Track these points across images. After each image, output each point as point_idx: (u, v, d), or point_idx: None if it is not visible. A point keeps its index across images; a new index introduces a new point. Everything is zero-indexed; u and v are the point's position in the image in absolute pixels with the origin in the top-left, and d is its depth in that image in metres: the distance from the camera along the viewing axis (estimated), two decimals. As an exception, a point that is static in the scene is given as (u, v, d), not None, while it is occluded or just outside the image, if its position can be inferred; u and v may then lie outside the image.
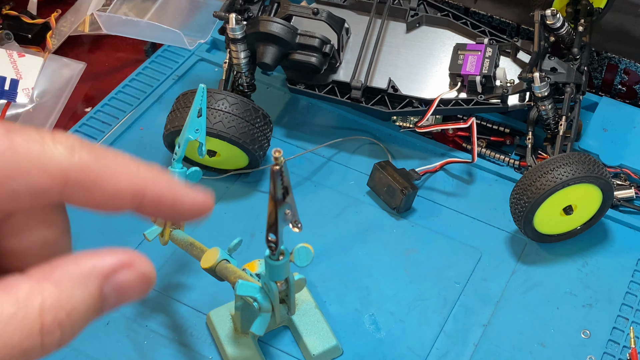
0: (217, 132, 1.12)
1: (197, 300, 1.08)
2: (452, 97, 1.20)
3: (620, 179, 1.23)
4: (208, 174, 1.21)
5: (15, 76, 1.27)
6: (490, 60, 1.19)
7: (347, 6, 1.31)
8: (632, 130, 1.28)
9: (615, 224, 1.19)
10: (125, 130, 1.29)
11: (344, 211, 1.20)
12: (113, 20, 1.29)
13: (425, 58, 1.26)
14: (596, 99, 1.33)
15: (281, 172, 0.75)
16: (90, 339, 1.04)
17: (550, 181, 1.07)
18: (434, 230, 1.18)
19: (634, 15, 1.38)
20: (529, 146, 1.20)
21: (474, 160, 1.22)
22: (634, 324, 1.07)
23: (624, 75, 1.35)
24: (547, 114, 1.17)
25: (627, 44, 1.36)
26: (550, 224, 1.13)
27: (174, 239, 1.02)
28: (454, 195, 1.23)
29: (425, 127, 1.23)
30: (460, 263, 1.14)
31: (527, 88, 1.17)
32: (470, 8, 1.40)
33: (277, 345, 1.03)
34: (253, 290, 0.91)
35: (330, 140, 1.27)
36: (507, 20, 1.39)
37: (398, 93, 1.21)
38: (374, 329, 1.06)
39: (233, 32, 1.16)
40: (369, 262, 1.13)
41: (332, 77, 1.22)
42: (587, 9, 1.27)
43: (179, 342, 1.04)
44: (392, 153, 1.27)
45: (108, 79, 1.40)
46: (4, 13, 1.45)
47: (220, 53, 1.43)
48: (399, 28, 1.29)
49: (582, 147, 1.25)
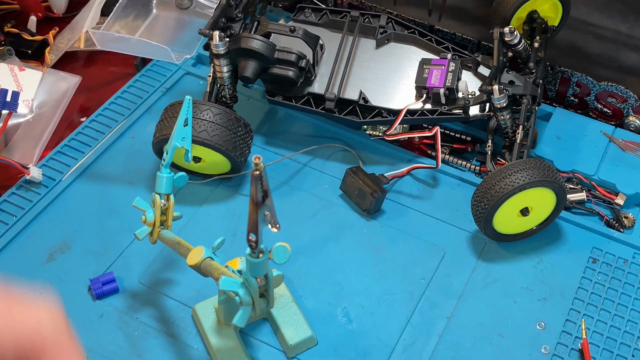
0: (202, 140, 1.12)
1: (184, 294, 1.08)
2: (418, 107, 1.20)
3: (573, 183, 1.24)
4: (193, 178, 1.21)
5: (16, 88, 1.28)
6: (453, 74, 1.20)
7: (321, 24, 1.32)
8: (583, 138, 1.28)
9: (568, 224, 1.20)
10: (117, 138, 1.29)
11: (318, 213, 1.20)
12: (106, 37, 1.29)
13: (393, 72, 1.26)
14: (550, 109, 1.34)
15: (261, 177, 0.77)
16: (85, 330, 1.04)
17: (508, 185, 1.08)
18: (401, 231, 1.18)
19: (584, 32, 1.40)
20: (489, 153, 1.20)
21: (438, 165, 1.24)
22: (585, 317, 1.08)
23: (576, 88, 1.36)
24: (506, 124, 1.18)
25: (578, 59, 1.38)
26: (508, 224, 1.14)
27: (162, 238, 1.02)
28: (420, 198, 1.23)
29: (393, 135, 1.23)
30: (425, 260, 1.14)
31: (487, 99, 1.17)
32: (435, 26, 1.41)
33: (257, 336, 1.04)
34: (235, 286, 0.91)
35: (305, 147, 1.27)
36: (469, 37, 1.40)
37: (368, 104, 1.22)
38: (346, 321, 1.06)
39: (216, 48, 1.17)
40: (341, 260, 1.14)
41: (307, 90, 1.23)
42: (542, 27, 1.29)
43: (167, 333, 1.04)
44: (362, 159, 1.27)
45: (102, 91, 1.40)
46: (6, 30, 1.45)
47: (205, 67, 1.42)
48: (369, 44, 1.30)
49: (538, 154, 1.26)
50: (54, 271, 1.11)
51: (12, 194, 1.20)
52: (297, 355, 1.03)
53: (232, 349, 1.00)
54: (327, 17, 1.32)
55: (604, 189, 1.23)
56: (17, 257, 1.13)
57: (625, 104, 1.33)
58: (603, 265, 1.15)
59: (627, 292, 1.12)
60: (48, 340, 0.49)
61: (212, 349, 1.00)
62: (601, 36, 1.39)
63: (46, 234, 1.16)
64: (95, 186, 1.22)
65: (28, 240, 1.15)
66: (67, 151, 1.26)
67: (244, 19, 1.25)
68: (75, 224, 1.17)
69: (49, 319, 0.49)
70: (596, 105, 1.37)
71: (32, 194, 1.20)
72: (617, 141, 1.28)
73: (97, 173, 1.24)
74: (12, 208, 1.18)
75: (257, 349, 1.03)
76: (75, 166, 1.24)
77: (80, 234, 1.15)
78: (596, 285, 1.12)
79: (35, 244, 1.14)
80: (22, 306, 0.48)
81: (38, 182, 1.20)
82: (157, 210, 1.01)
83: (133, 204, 1.02)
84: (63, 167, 1.24)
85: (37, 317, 0.49)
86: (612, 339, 1.07)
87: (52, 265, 1.12)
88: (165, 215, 1.03)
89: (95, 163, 1.26)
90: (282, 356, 1.02)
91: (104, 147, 1.27)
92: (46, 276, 1.11)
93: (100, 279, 1.08)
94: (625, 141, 1.28)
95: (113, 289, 1.08)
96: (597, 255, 1.16)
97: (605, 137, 1.29)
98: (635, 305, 1.10)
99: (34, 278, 1.10)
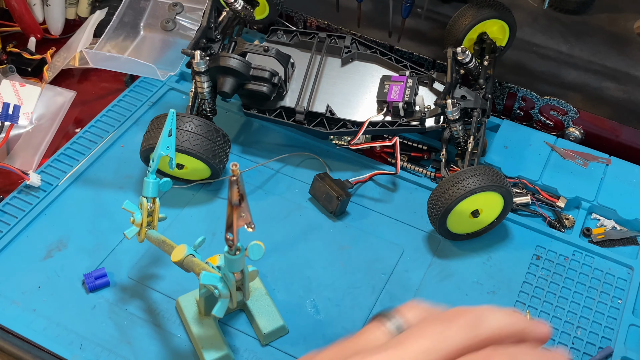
0: (185, 149, 1.13)
1: (168, 288, 1.09)
2: (379, 119, 1.21)
3: (519, 188, 1.25)
4: (177, 183, 1.22)
5: (17, 102, 1.28)
6: (411, 89, 1.20)
7: (292, 45, 1.31)
8: (528, 147, 1.29)
9: (514, 225, 1.21)
10: (108, 147, 1.28)
11: (289, 214, 1.20)
12: (98, 56, 1.27)
13: (357, 87, 1.26)
14: (498, 121, 1.34)
15: (237, 182, 0.78)
16: (79, 320, 1.05)
17: (460, 189, 1.09)
18: (364, 231, 1.19)
19: (529, 52, 1.42)
20: (443, 160, 1.21)
21: (397, 172, 1.25)
22: (529, 308, 1.10)
23: (522, 102, 1.37)
24: (458, 134, 1.18)
25: (524, 76, 1.40)
26: (461, 225, 1.15)
27: (148, 237, 1.03)
28: (381, 201, 1.23)
29: (357, 144, 1.24)
30: (386, 257, 1.15)
31: (441, 112, 1.18)
32: (394, 46, 1.41)
33: (234, 326, 1.05)
34: (214, 280, 0.92)
35: (278, 155, 1.27)
36: (425, 56, 1.41)
37: (334, 116, 1.22)
38: (315, 312, 1.07)
39: (198, 66, 1.17)
40: (310, 257, 1.14)
41: (280, 103, 1.23)
42: (491, 47, 1.30)
43: (153, 322, 1.05)
44: (329, 166, 1.27)
45: (94, 104, 1.39)
46: (8, 50, 1.43)
47: (187, 83, 1.42)
48: (335, 63, 1.30)
49: (487, 161, 1.27)
50: (51, 267, 1.11)
51: (14, 198, 1.19)
52: (270, 342, 1.03)
53: (211, 337, 1.00)
54: (297, 38, 1.32)
55: (546, 193, 1.24)
56: (19, 254, 1.12)
57: (565, 116, 1.34)
58: (546, 261, 1.16)
59: (567, 285, 1.13)
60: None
61: (194, 337, 1.01)
62: (544, 55, 1.43)
63: (44, 233, 1.15)
64: (89, 190, 1.22)
65: (28, 239, 1.14)
66: (63, 159, 1.26)
67: (222, 39, 1.25)
68: (71, 224, 1.17)
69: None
70: (540, 117, 1.38)
71: (31, 198, 1.19)
72: (559, 150, 1.29)
73: (90, 179, 1.23)
74: (13, 210, 1.17)
75: (235, 337, 1.04)
76: (70, 172, 1.23)
77: (75, 233, 1.15)
78: (539, 279, 1.14)
79: (34, 242, 1.14)
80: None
81: (37, 186, 1.20)
82: (144, 212, 1.01)
83: (123, 206, 1.02)
84: (60, 173, 1.23)
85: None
86: (554, 328, 1.08)
87: (49, 261, 1.11)
88: (152, 217, 1.03)
89: (89, 170, 1.25)
90: (256, 344, 1.03)
91: (96, 155, 1.27)
92: (44, 271, 1.10)
93: (93, 274, 1.08)
94: (565, 150, 1.29)
95: (104, 283, 1.08)
96: (541, 252, 1.17)
97: (547, 146, 1.30)
98: (574, 298, 1.11)
99: (33, 273, 1.10)
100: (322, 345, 1.02)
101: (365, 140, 1.25)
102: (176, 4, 1.37)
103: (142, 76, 1.41)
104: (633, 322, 1.09)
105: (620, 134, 1.33)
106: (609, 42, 1.47)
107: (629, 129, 1.31)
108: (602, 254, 1.18)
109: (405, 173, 1.28)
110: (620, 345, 1.06)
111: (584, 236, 1.21)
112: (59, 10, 1.49)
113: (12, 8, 1.43)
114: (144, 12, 1.42)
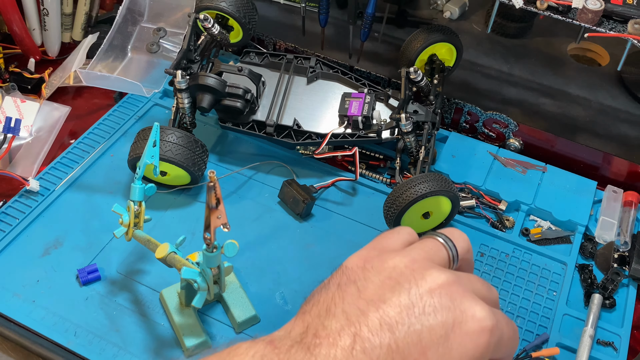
0: (167, 158, 1.13)
1: (153, 281, 1.09)
2: (340, 132, 1.22)
3: (465, 192, 1.25)
4: (161, 188, 1.21)
5: (18, 116, 1.29)
6: (369, 105, 1.21)
7: (263, 65, 1.33)
8: (473, 156, 1.31)
9: (461, 225, 1.22)
10: (99, 156, 1.29)
11: (260, 216, 1.21)
12: (91, 75, 1.27)
13: (321, 103, 1.27)
14: (447, 133, 1.35)
15: (214, 187, 0.80)
16: (73, 310, 1.05)
17: (413, 194, 1.09)
18: (327, 231, 1.19)
19: (474, 72, 1.44)
20: (397, 168, 1.22)
21: (357, 178, 1.26)
22: None
23: (467, 116, 1.38)
24: (411, 144, 1.19)
25: (469, 93, 1.41)
26: (413, 225, 1.12)
27: (135, 236, 1.03)
28: (342, 205, 1.24)
29: (321, 154, 1.25)
30: (346, 254, 0.91)
31: (396, 125, 1.18)
32: (354, 66, 1.42)
33: (212, 315, 1.05)
34: (194, 275, 0.94)
35: (250, 163, 1.27)
36: (381, 75, 1.41)
37: (301, 129, 1.23)
38: (283, 303, 1.08)
39: (179, 84, 1.18)
40: (279, 254, 1.15)
41: (252, 117, 1.23)
42: (440, 67, 1.31)
43: (139, 312, 1.05)
44: (296, 173, 1.28)
45: (87, 118, 1.39)
46: (10, 70, 1.44)
47: (170, 99, 1.41)
48: (301, 81, 1.31)
49: (437, 169, 1.27)
50: (48, 263, 1.11)
51: (15, 201, 1.19)
52: (243, 330, 1.04)
53: (191, 326, 1.01)
54: (268, 59, 1.33)
55: (489, 197, 1.25)
56: (19, 252, 1.13)
57: (506, 129, 1.36)
58: (489, 258, 1.17)
59: (508, 279, 1.14)
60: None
61: (176, 325, 1.02)
62: (487, 75, 1.45)
63: (42, 233, 1.16)
64: (82, 195, 1.22)
65: (28, 238, 1.15)
66: (59, 167, 1.26)
67: (201, 60, 1.26)
68: (66, 225, 1.17)
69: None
70: (483, 130, 1.39)
71: (31, 201, 1.19)
72: (500, 159, 1.30)
73: (83, 184, 1.24)
74: (15, 212, 1.18)
75: (212, 325, 1.04)
76: (66, 179, 1.24)
77: (70, 233, 1.16)
78: (483, 274, 1.15)
79: (33, 241, 1.14)
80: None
81: (36, 191, 1.20)
82: (131, 214, 1.02)
83: (112, 209, 1.02)
84: (56, 179, 1.24)
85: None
86: None
87: (47, 258, 1.12)
88: (138, 218, 1.03)
89: (82, 176, 1.25)
90: (231, 331, 1.04)
91: (89, 164, 1.27)
92: (42, 267, 1.11)
93: (86, 269, 1.08)
94: (506, 159, 1.30)
95: (96, 277, 1.08)
96: (484, 250, 1.18)
97: (490, 155, 1.31)
98: (514, 290, 1.13)
99: (32, 268, 1.10)
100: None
101: (328, 150, 1.26)
102: (160, 29, 1.37)
103: (129, 93, 1.41)
104: (567, 312, 1.11)
105: (555, 144, 1.34)
106: (545, 63, 1.49)
107: (563, 140, 1.33)
108: (539, 251, 1.19)
109: (363, 179, 1.29)
110: (555, 333, 1.08)
111: (523, 235, 1.22)
112: (55, 34, 1.49)
113: (14, 32, 1.43)
114: (131, 36, 1.42)
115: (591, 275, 1.16)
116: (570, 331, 1.09)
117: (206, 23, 1.25)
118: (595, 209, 1.26)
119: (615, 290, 1.13)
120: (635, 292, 1.15)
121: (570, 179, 1.29)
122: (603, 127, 1.36)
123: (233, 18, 1.32)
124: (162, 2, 1.44)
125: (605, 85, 1.45)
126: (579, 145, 1.32)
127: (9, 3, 1.36)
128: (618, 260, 1.16)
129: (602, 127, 1.36)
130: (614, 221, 1.21)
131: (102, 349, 1.02)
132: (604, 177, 1.34)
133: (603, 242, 1.21)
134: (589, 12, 1.09)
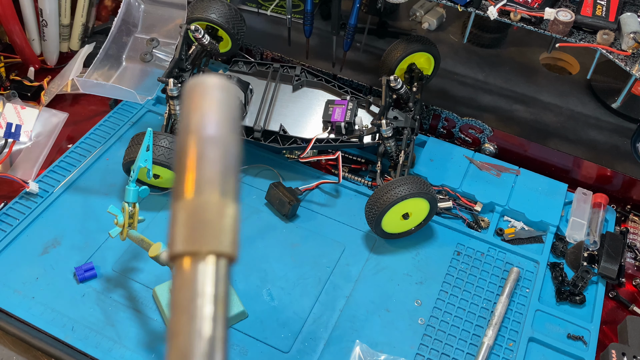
0: (160, 162, 1.13)
1: (146, 279, 1.10)
2: (324, 137, 1.23)
3: (442, 194, 1.26)
4: (154, 190, 1.23)
5: (19, 122, 1.29)
6: (351, 111, 1.23)
7: (251, 73, 1.34)
8: (450, 160, 1.31)
9: (438, 225, 1.23)
10: (96, 160, 1.29)
11: (248, 217, 1.21)
12: (87, 83, 1.26)
13: (305, 110, 1.28)
14: (425, 138, 1.36)
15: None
16: (71, 306, 1.06)
17: (393, 196, 1.10)
18: (311, 231, 1.20)
19: (451, 80, 1.45)
20: (378, 171, 1.23)
21: (340, 181, 1.26)
22: (451, 296, 1.12)
23: (445, 122, 1.38)
24: (391, 149, 1.21)
25: (446, 100, 1.41)
26: (393, 225, 1.16)
27: (130, 236, 1.04)
28: (326, 206, 1.25)
29: (305, 158, 1.25)
30: (330, 253, 1.16)
31: (377, 131, 1.20)
32: (337, 75, 1.42)
33: None
34: (117, 211, 1.00)
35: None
36: (363, 83, 1.41)
37: (287, 134, 1.24)
38: (270, 299, 1.09)
39: (171, 91, 1.19)
40: (266, 253, 1.16)
41: (240, 123, 1.21)
42: (419, 75, 1.33)
43: (133, 308, 1.06)
44: (282, 176, 1.29)
45: (84, 124, 1.40)
46: (11, 78, 1.45)
47: (162, 106, 1.43)
48: (287, 89, 1.31)
49: (416, 172, 1.28)
50: (47, 261, 1.12)
51: (16, 203, 1.20)
52: (232, 325, 1.05)
53: None
54: (255, 68, 1.34)
55: (465, 199, 1.26)
56: (20, 250, 1.13)
57: (482, 134, 1.36)
58: (465, 257, 1.19)
59: (483, 277, 1.16)
60: None
61: (168, 320, 1.00)
62: (464, 83, 1.46)
63: (41, 233, 1.16)
64: (79, 197, 1.22)
65: (28, 238, 1.15)
66: (57, 170, 1.27)
67: (192, 69, 1.26)
68: (64, 225, 1.18)
69: None
70: (460, 135, 1.39)
71: (30, 203, 1.20)
72: (476, 162, 1.31)
73: (80, 187, 1.24)
74: (15, 213, 1.18)
75: None
76: (63, 181, 1.24)
77: (68, 233, 1.16)
78: (460, 272, 1.16)
79: (33, 241, 1.15)
80: None
81: (35, 193, 1.21)
82: (126, 215, 1.03)
83: (108, 210, 1.03)
84: (54, 182, 1.24)
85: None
86: (472, 312, 1.10)
87: (46, 256, 1.13)
88: (132, 219, 1.04)
89: (79, 179, 1.25)
90: None
91: (85, 167, 1.27)
92: (41, 265, 1.11)
93: (83, 267, 1.09)
94: (482, 162, 1.31)
95: (92, 275, 1.09)
96: (461, 249, 1.19)
97: (466, 159, 1.31)
98: (489, 287, 1.14)
99: (32, 266, 1.11)
100: (277, 327, 1.05)
101: (313, 154, 1.27)
102: (153, 39, 1.38)
103: (124, 100, 1.42)
104: (538, 307, 1.12)
105: (528, 149, 1.35)
106: (518, 71, 1.50)
107: (535, 145, 1.34)
108: (512, 250, 1.20)
109: (346, 182, 1.29)
110: (528, 327, 1.09)
111: (497, 235, 1.23)
112: (54, 44, 1.51)
113: (14, 42, 1.44)
114: (126, 46, 1.43)
115: (562, 273, 1.17)
116: (542, 326, 1.10)
117: (197, 34, 1.26)
118: (566, 210, 1.27)
119: (585, 287, 1.14)
120: (604, 289, 1.16)
121: (542, 181, 1.30)
122: (573, 133, 1.38)
123: (222, 29, 1.33)
124: (155, 13, 1.45)
125: (576, 93, 1.46)
126: (551, 150, 1.33)
127: (9, 15, 1.38)
128: (587, 259, 1.18)
129: (573, 133, 1.37)
130: (583, 222, 1.23)
131: (98, 343, 1.03)
132: (574, 180, 1.35)
133: (573, 241, 1.22)
134: (559, 24, 1.11)
